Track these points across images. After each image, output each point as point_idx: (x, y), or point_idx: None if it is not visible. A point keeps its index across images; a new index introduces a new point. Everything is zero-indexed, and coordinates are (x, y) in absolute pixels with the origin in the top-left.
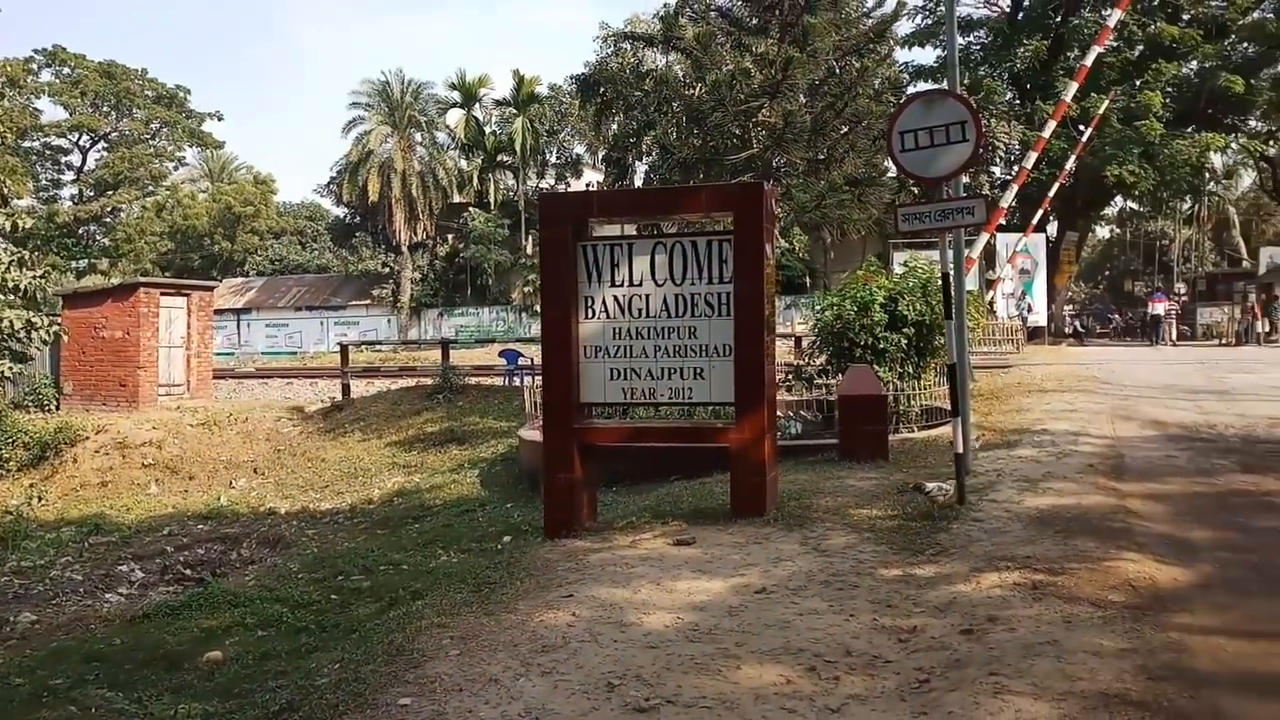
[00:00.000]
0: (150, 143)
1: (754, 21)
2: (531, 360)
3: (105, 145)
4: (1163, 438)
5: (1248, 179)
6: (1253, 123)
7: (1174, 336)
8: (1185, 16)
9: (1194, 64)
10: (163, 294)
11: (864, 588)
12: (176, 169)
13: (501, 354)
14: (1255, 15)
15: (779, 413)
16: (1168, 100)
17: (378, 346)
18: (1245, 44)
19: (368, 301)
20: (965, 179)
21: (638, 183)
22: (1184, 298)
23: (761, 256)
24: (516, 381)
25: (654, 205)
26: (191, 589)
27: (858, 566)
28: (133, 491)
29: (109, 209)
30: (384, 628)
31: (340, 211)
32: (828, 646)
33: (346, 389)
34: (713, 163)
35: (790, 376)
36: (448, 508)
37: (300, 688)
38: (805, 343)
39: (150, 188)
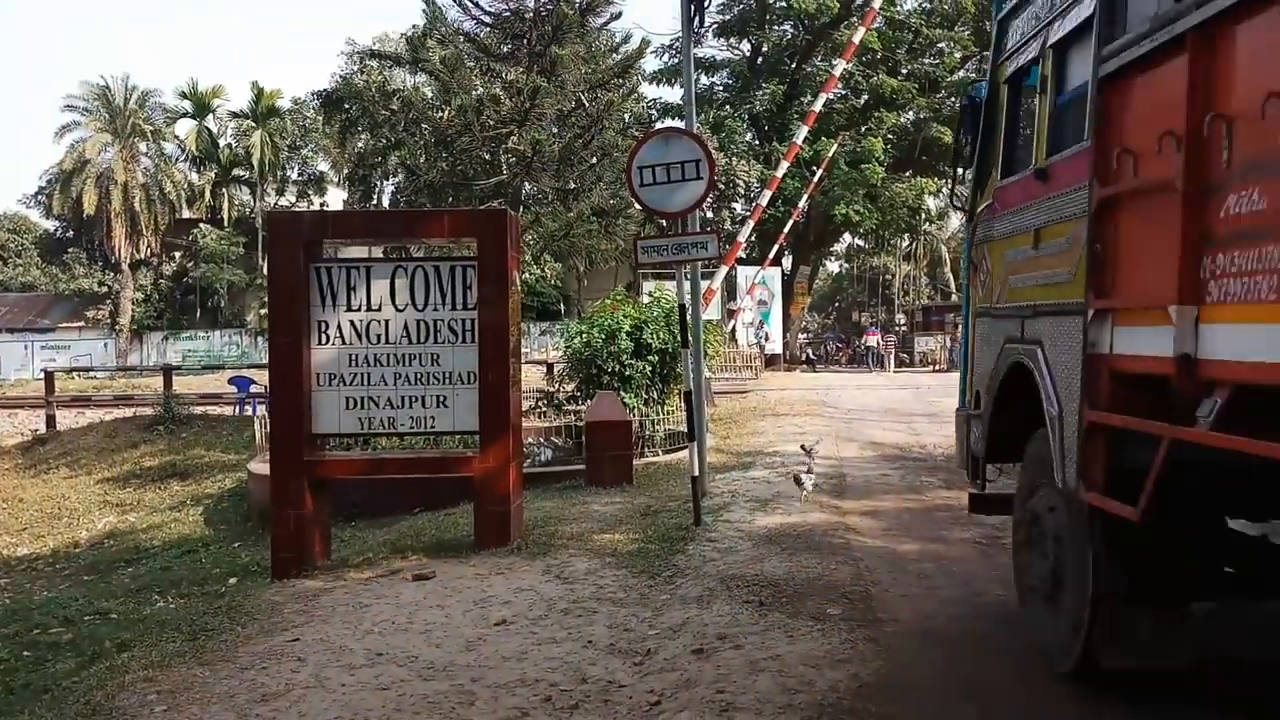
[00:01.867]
0: None
1: (503, 49)
2: (265, 388)
3: None
4: (879, 457)
5: (956, 220)
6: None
7: (894, 364)
8: (904, 71)
9: (911, 114)
10: None
11: (603, 613)
12: None
13: (232, 381)
14: (961, 73)
15: (530, 439)
16: (889, 146)
17: (92, 373)
18: (953, 98)
19: (81, 324)
20: (709, 213)
21: (385, 203)
22: (903, 328)
23: (506, 283)
24: (249, 411)
25: (394, 228)
26: None
27: (598, 592)
28: None
29: None
30: (83, 685)
31: (50, 225)
32: (564, 675)
33: (51, 420)
34: (461, 187)
35: (542, 403)
36: (167, 549)
37: None
38: (556, 369)
39: None
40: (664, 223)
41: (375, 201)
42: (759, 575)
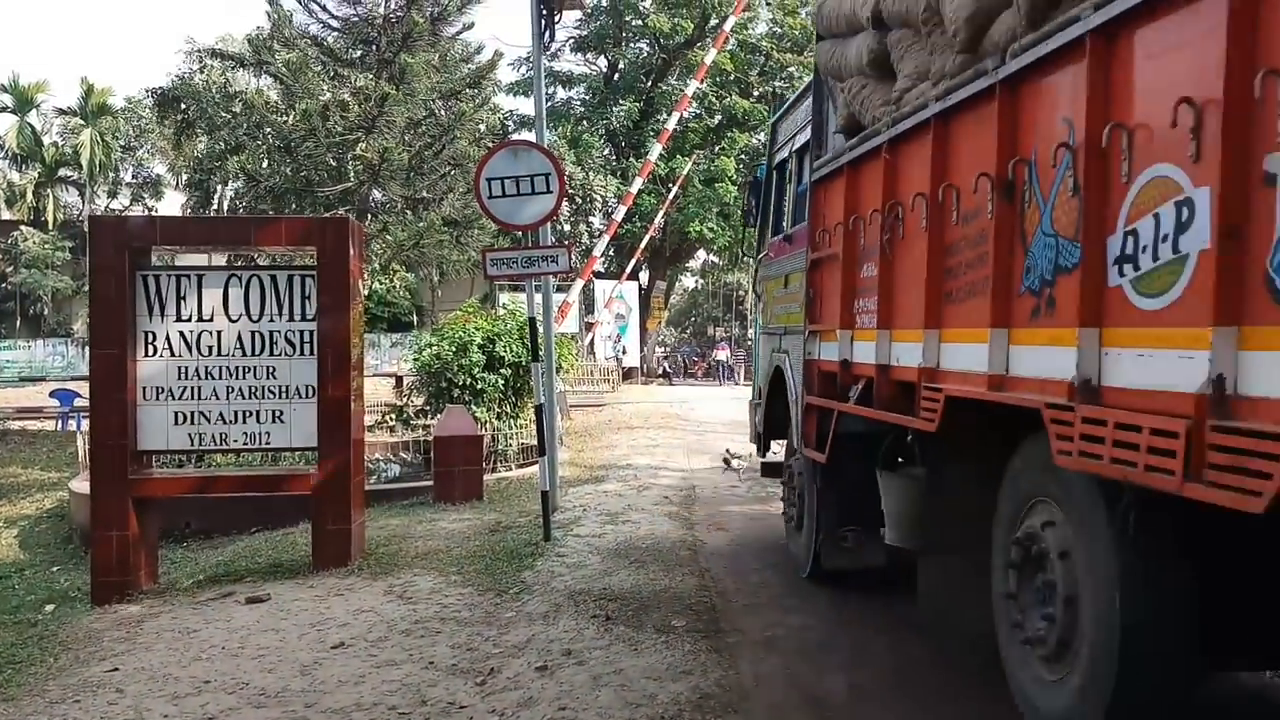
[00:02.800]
0: None
1: (352, 54)
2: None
3: None
4: (728, 468)
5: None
6: None
7: (744, 377)
8: (756, 93)
9: (763, 135)
10: None
11: (446, 633)
12: None
13: (54, 394)
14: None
15: (377, 455)
16: (741, 166)
17: None
18: None
19: None
20: (566, 227)
21: (225, 209)
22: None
23: (348, 293)
24: (72, 426)
25: (228, 235)
26: None
27: (442, 611)
28: None
29: None
30: None
31: None
32: (403, 698)
33: None
34: (306, 194)
35: (390, 417)
36: None
37: None
38: (406, 382)
39: None
40: (520, 235)
41: (215, 207)
42: (606, 589)
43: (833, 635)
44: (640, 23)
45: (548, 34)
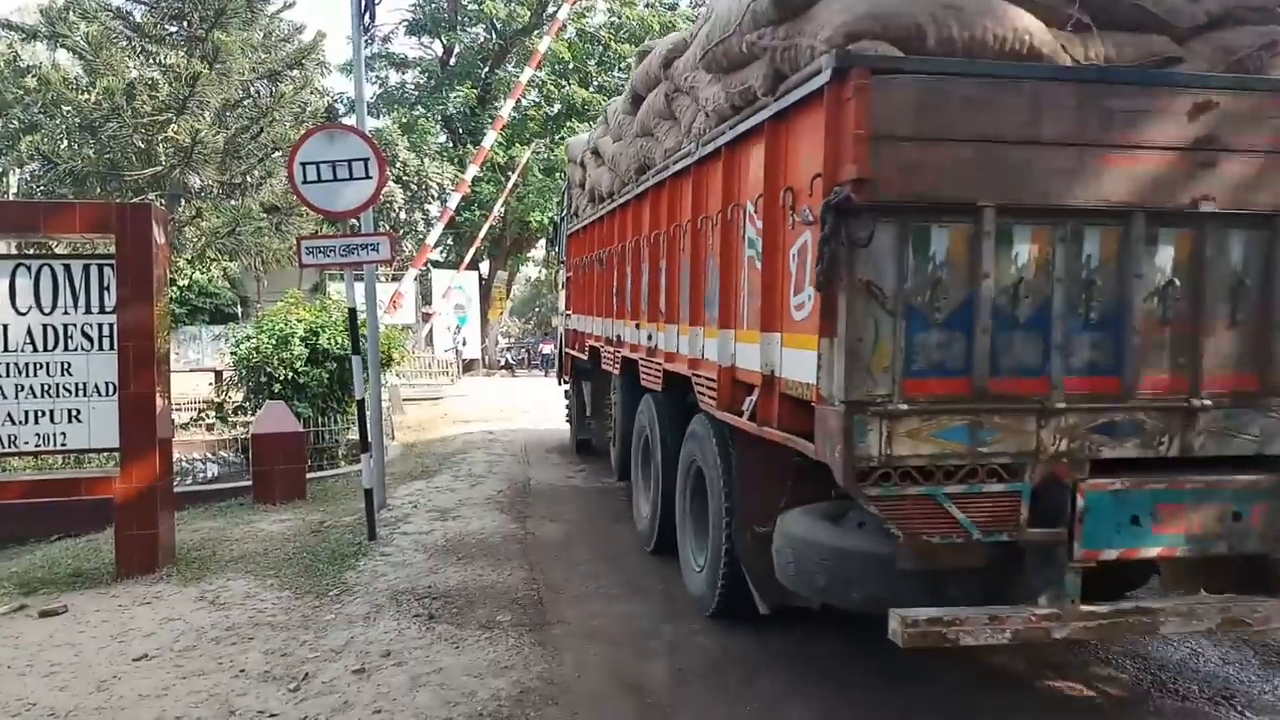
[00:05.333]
0: None
1: (168, 29)
2: None
3: None
4: (565, 461)
5: None
6: None
7: None
8: (595, 83)
9: None
10: None
11: (260, 639)
12: None
13: None
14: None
15: (194, 454)
16: None
17: None
18: None
19: None
20: (401, 215)
21: (19, 194)
22: None
23: (150, 284)
24: None
25: (13, 222)
26: None
27: (256, 617)
28: None
29: None
30: None
31: None
32: (210, 709)
33: None
34: (111, 178)
35: (208, 414)
36: None
37: None
38: (226, 377)
39: None
40: (354, 222)
41: (6, 191)
42: (431, 587)
43: (657, 624)
44: (476, 7)
45: (368, 15)
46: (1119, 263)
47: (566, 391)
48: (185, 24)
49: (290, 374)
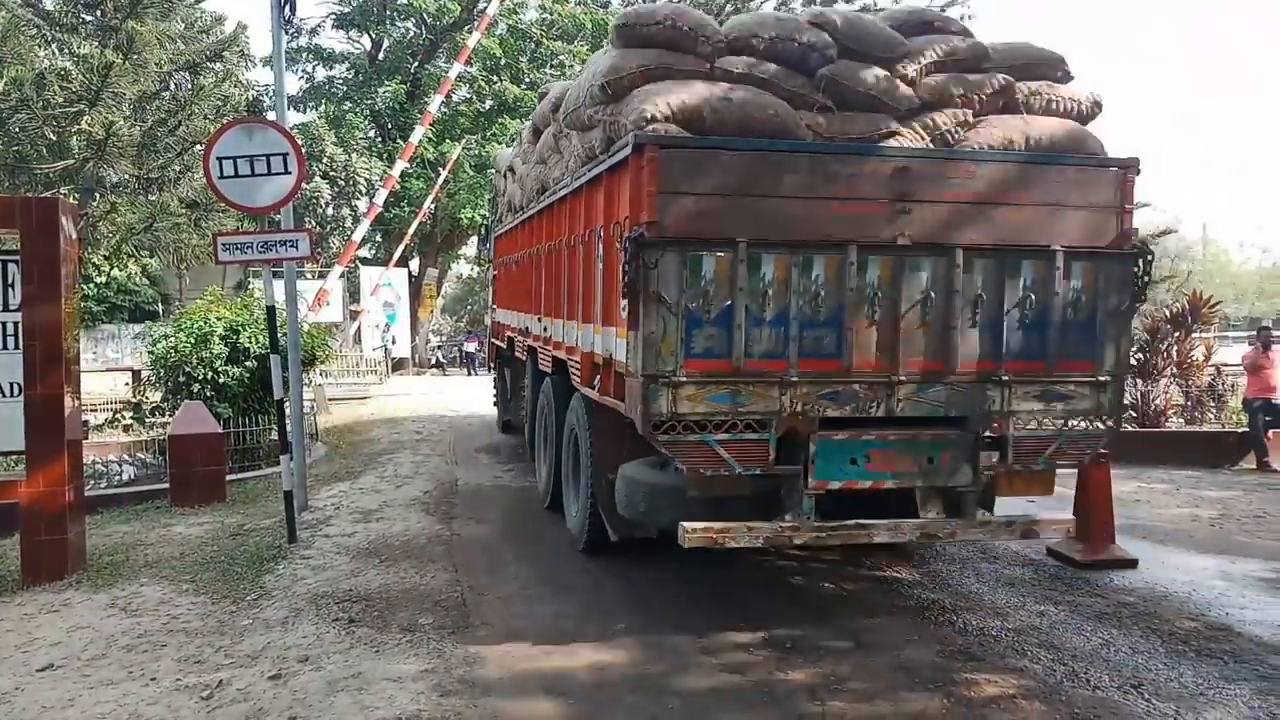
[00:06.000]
0: None
1: (81, 18)
2: None
3: None
4: (494, 461)
5: None
6: None
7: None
8: (527, 80)
9: None
10: None
11: (173, 646)
12: None
13: None
14: None
15: (110, 456)
16: None
17: None
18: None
19: None
20: (330, 211)
21: None
22: None
23: (58, 281)
24: None
25: None
26: None
27: (170, 624)
28: None
29: None
30: None
31: None
32: None
33: None
34: (20, 170)
35: (125, 414)
36: None
37: None
38: (144, 377)
39: None
40: (277, 216)
41: None
42: (352, 590)
43: (579, 625)
44: (406, 2)
45: (288, 7)
46: (838, 280)
47: (495, 380)
48: (99, 13)
49: (210, 373)
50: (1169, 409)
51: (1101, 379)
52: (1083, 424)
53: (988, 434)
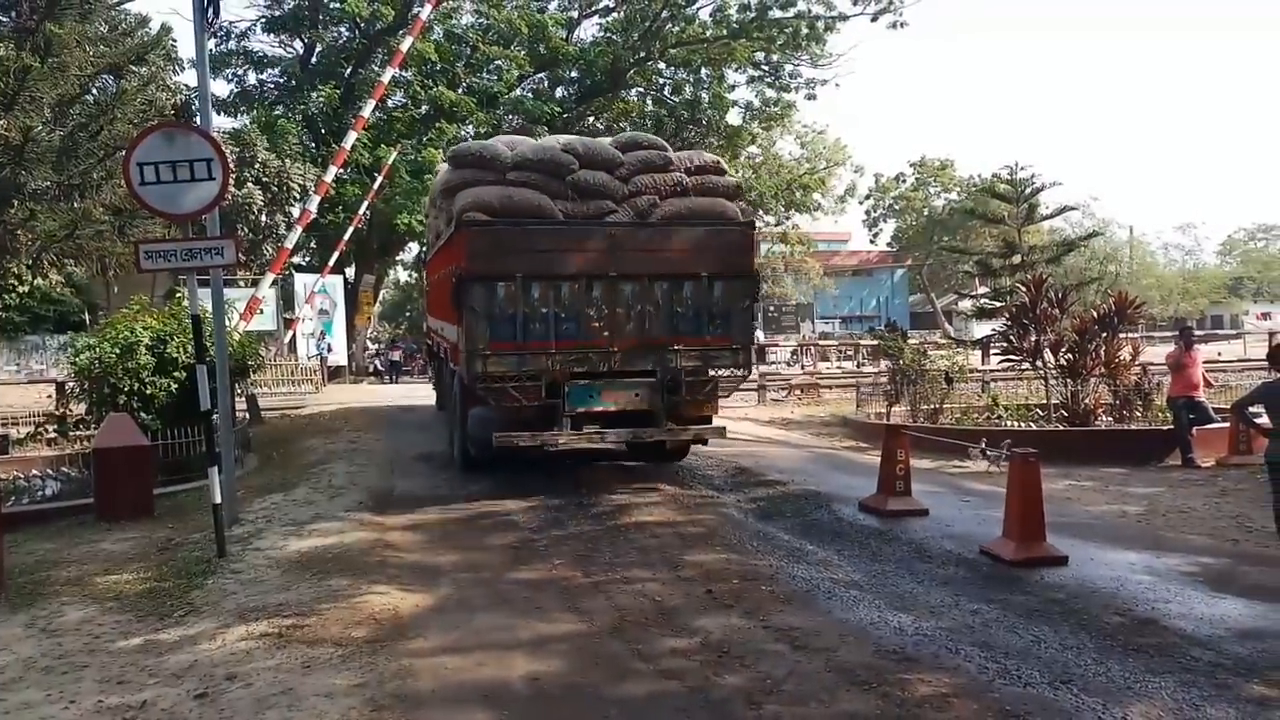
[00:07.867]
0: None
1: None
2: None
3: None
4: (431, 469)
5: None
6: None
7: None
8: (463, 85)
9: (471, 128)
10: None
11: (95, 666)
12: None
13: None
14: (519, 92)
15: (35, 471)
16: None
17: None
18: (512, 115)
19: None
20: (263, 218)
21: None
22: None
23: None
24: None
25: None
26: None
27: (93, 643)
28: None
29: None
30: None
31: None
32: None
33: None
34: None
35: (48, 427)
36: None
37: None
38: (68, 388)
39: None
40: (205, 222)
41: None
42: (283, 604)
43: (516, 635)
44: (339, 6)
45: (211, 9)
46: (578, 296)
47: (432, 372)
48: (14, 14)
49: (136, 384)
50: (1098, 408)
51: (735, 347)
52: (725, 372)
53: (670, 380)
